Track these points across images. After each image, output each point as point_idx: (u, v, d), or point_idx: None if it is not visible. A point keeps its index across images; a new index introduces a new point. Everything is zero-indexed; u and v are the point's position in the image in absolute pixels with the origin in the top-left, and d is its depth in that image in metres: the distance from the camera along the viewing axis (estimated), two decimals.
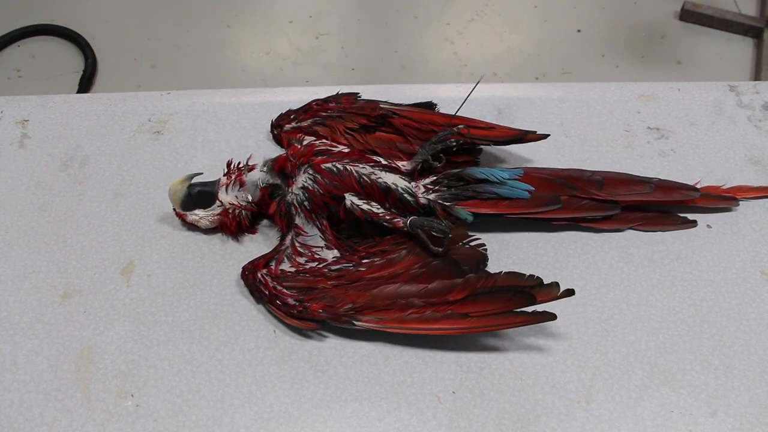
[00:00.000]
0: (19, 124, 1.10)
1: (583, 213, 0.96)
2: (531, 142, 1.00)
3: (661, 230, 0.98)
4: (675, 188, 0.99)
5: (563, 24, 2.41)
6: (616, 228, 0.98)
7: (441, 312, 0.85)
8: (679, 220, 0.99)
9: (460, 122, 0.99)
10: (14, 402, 0.86)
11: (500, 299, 0.85)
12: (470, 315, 0.85)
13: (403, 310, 0.86)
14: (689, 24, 2.41)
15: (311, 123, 1.01)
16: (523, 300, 0.84)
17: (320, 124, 1.01)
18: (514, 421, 0.84)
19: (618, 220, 0.98)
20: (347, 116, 1.01)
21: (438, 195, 0.95)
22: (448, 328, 0.85)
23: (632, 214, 0.98)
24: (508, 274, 0.88)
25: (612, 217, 0.97)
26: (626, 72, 2.28)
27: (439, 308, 0.86)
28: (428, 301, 0.87)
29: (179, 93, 1.14)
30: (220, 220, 0.96)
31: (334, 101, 1.03)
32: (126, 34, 2.29)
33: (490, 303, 0.85)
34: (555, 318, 0.84)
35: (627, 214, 0.98)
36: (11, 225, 1.00)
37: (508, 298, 0.85)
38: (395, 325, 0.86)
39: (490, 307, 0.85)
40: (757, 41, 2.34)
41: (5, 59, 2.23)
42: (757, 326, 0.91)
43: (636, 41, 2.37)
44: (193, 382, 0.87)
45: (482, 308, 0.85)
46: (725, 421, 0.84)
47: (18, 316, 0.92)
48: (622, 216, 0.98)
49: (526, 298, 0.84)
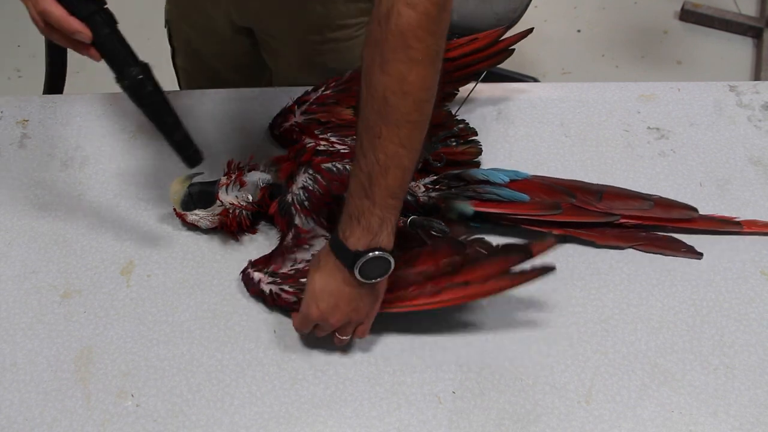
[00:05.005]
0: (19, 124, 1.10)
1: (583, 219, 0.96)
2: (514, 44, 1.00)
3: (662, 253, 0.96)
4: (674, 206, 0.98)
5: (563, 24, 2.41)
6: (617, 245, 0.97)
7: (441, 285, 0.85)
8: (683, 247, 0.96)
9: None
10: (14, 402, 0.86)
11: (497, 261, 0.84)
12: (470, 282, 0.84)
13: (404, 289, 0.86)
14: (689, 24, 2.41)
15: (310, 118, 1.01)
16: (520, 256, 0.83)
17: (322, 111, 1.00)
18: (514, 422, 0.84)
19: (620, 237, 0.97)
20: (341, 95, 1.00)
21: (438, 194, 0.95)
22: (450, 299, 0.84)
23: (635, 234, 0.97)
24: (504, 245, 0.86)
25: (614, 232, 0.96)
26: (626, 72, 2.28)
27: (438, 282, 0.85)
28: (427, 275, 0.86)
29: (179, 93, 1.14)
30: (221, 220, 0.96)
31: (324, 86, 1.02)
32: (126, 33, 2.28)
33: (488, 267, 0.84)
34: (554, 270, 0.83)
35: (630, 233, 0.97)
36: (11, 225, 1.00)
37: (504, 258, 0.83)
38: (398, 304, 0.85)
39: (489, 271, 0.84)
40: (757, 41, 2.34)
41: (5, 59, 2.24)
42: (758, 326, 0.91)
43: (636, 41, 2.37)
44: (193, 382, 0.87)
45: (481, 274, 0.84)
46: (725, 421, 0.84)
47: (18, 316, 0.92)
48: (625, 234, 0.97)
49: (522, 252, 0.82)
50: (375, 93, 0.73)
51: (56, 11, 0.74)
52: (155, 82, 0.79)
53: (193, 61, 1.24)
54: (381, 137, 0.74)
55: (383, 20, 0.70)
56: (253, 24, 1.14)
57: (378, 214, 0.76)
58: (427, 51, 0.71)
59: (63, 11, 0.74)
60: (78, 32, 0.75)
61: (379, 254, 0.77)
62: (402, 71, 0.71)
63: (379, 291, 0.83)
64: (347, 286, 0.80)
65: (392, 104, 0.72)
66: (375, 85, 0.72)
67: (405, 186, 0.78)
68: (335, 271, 0.80)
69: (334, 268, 0.80)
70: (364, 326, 0.85)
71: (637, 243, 0.97)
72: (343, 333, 0.85)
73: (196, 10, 1.14)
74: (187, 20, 1.18)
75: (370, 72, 0.73)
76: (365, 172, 0.75)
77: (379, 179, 0.75)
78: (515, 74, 2.19)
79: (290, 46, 1.15)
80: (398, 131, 0.73)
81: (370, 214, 0.76)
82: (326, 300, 0.81)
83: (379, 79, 0.72)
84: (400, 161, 0.75)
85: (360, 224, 0.77)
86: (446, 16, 0.71)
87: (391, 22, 0.70)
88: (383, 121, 0.73)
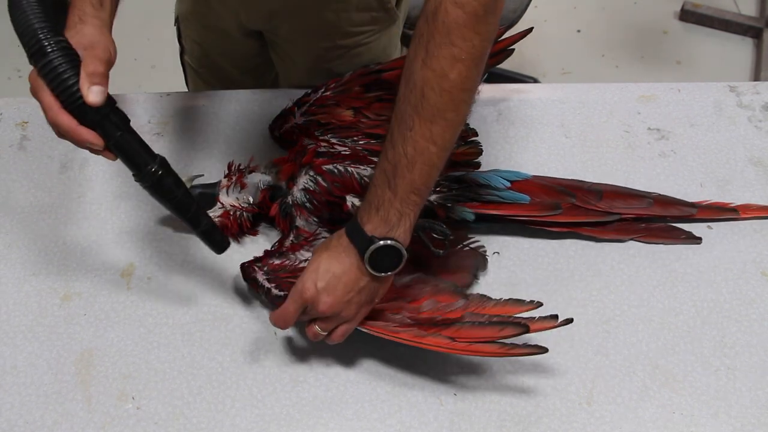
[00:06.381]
0: (19, 126, 1.10)
1: (583, 218, 0.96)
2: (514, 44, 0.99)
3: (663, 243, 0.97)
4: (673, 204, 0.99)
5: (563, 24, 2.41)
6: (617, 239, 0.97)
7: (428, 331, 0.83)
8: (682, 234, 0.98)
9: None
10: (15, 405, 0.86)
11: (490, 329, 0.82)
12: (456, 339, 0.82)
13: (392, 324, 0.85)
14: (689, 24, 2.41)
15: (310, 119, 1.00)
16: (516, 330, 0.81)
17: (322, 113, 0.99)
18: (516, 423, 0.84)
19: (620, 230, 0.97)
20: (341, 96, 0.99)
21: (439, 196, 0.94)
22: (432, 345, 0.83)
23: (634, 225, 0.98)
24: (508, 301, 0.85)
25: (614, 226, 0.97)
26: (626, 72, 2.28)
27: (429, 328, 0.84)
28: (419, 318, 0.85)
29: (179, 94, 1.14)
30: (221, 222, 0.95)
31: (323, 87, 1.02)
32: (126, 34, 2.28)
33: (479, 331, 0.82)
34: (546, 351, 0.81)
35: (629, 225, 0.97)
36: (11, 227, 1.00)
37: (499, 328, 0.81)
38: (381, 332, 0.84)
39: (479, 335, 0.82)
40: (757, 41, 2.34)
41: (5, 59, 2.23)
42: (758, 327, 0.91)
43: (636, 41, 2.37)
44: (194, 384, 0.87)
45: (471, 335, 0.82)
46: (726, 422, 0.84)
47: (18, 318, 0.92)
48: (624, 227, 0.97)
49: (519, 328, 0.80)
50: (414, 87, 0.73)
51: (65, 123, 0.72)
52: (174, 175, 0.77)
53: (201, 59, 1.24)
54: (413, 130, 0.74)
55: (430, 17, 0.71)
56: (262, 27, 1.14)
57: (398, 207, 0.76)
58: (471, 51, 0.71)
59: (72, 122, 0.72)
60: (89, 142, 0.73)
61: (392, 243, 0.77)
62: (444, 67, 0.72)
63: (375, 294, 0.82)
64: (352, 272, 0.79)
65: (429, 99, 0.73)
66: (415, 79, 0.73)
67: (429, 185, 0.78)
68: (345, 254, 0.79)
69: (345, 251, 0.79)
70: (345, 328, 0.82)
71: (637, 235, 0.97)
72: (324, 325, 0.82)
73: (205, 9, 1.14)
74: (196, 19, 1.17)
75: (413, 66, 0.73)
76: (392, 163, 0.76)
77: (404, 172, 0.75)
78: (515, 74, 2.19)
79: (299, 51, 1.15)
80: (431, 126, 0.74)
81: (389, 206, 0.76)
82: (327, 280, 0.79)
83: (420, 73, 0.73)
84: (429, 157, 0.75)
85: (378, 214, 0.77)
86: (493, 19, 0.72)
87: (438, 18, 0.71)
88: (417, 114, 0.74)
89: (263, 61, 1.23)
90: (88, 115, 0.72)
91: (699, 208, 0.98)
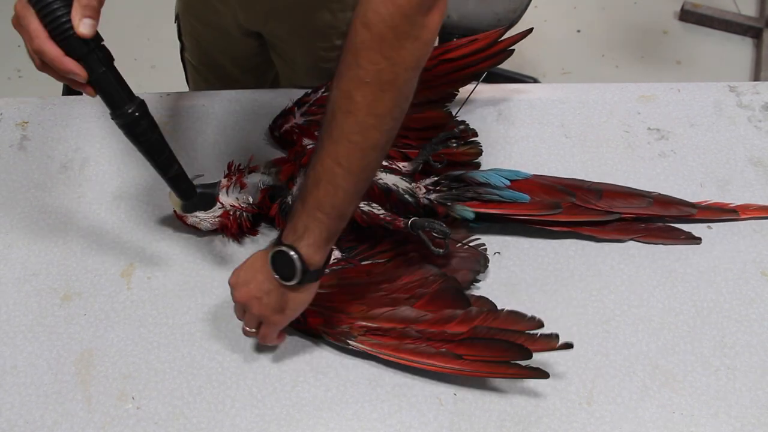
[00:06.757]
0: (19, 126, 1.10)
1: (583, 218, 0.96)
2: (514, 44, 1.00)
3: (663, 243, 0.97)
4: (673, 204, 0.99)
5: (563, 24, 2.41)
6: (617, 239, 0.97)
7: (436, 348, 0.84)
8: (682, 234, 0.98)
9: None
10: (15, 405, 0.86)
11: (497, 348, 0.83)
12: (464, 357, 0.83)
13: (400, 339, 0.85)
14: (689, 24, 2.41)
15: (310, 119, 1.01)
16: (519, 354, 0.82)
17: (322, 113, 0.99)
18: (516, 423, 0.84)
19: (620, 230, 0.97)
20: None
21: (439, 195, 0.95)
22: (439, 366, 0.84)
23: (634, 225, 0.98)
24: (510, 313, 0.86)
25: (614, 226, 0.97)
26: (626, 72, 2.28)
27: (435, 343, 0.85)
28: (426, 331, 0.86)
29: (179, 94, 1.14)
30: (221, 222, 0.96)
31: (323, 87, 1.02)
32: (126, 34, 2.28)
33: (486, 350, 0.84)
34: (547, 377, 0.83)
35: (629, 225, 0.97)
36: (11, 227, 1.00)
37: (504, 349, 0.83)
38: (389, 352, 0.85)
39: (486, 354, 0.83)
40: (757, 41, 2.34)
41: (5, 59, 2.24)
42: (758, 327, 0.91)
43: (636, 41, 2.37)
44: (194, 384, 0.87)
45: (478, 353, 0.83)
46: (726, 422, 0.84)
47: (18, 318, 0.92)
48: (624, 227, 0.97)
49: (521, 352, 0.82)
50: (328, 105, 0.73)
51: (51, 51, 0.71)
52: (151, 119, 0.78)
53: (201, 57, 1.24)
54: (322, 149, 0.74)
55: (346, 36, 0.70)
56: (260, 28, 1.14)
57: (304, 220, 0.76)
58: (377, 75, 0.69)
59: (58, 51, 0.72)
60: (72, 73, 0.73)
61: (286, 250, 0.77)
62: (350, 89, 0.70)
63: (285, 304, 0.81)
64: (264, 271, 0.80)
65: (336, 119, 0.72)
66: (330, 98, 0.73)
67: (338, 206, 0.76)
68: (264, 253, 0.81)
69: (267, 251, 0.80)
70: (264, 330, 0.84)
71: (637, 235, 0.97)
72: (246, 322, 0.85)
73: (205, 7, 1.14)
74: (196, 16, 1.17)
75: (331, 85, 0.73)
76: (308, 176, 0.76)
77: (312, 188, 0.75)
78: (515, 74, 2.19)
79: (298, 51, 1.15)
80: (336, 147, 0.73)
81: (298, 217, 0.77)
82: (246, 272, 0.82)
83: (332, 92, 0.72)
84: (333, 178, 0.74)
85: (291, 221, 0.78)
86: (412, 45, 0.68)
87: (349, 38, 0.69)
88: (327, 133, 0.73)
89: (263, 61, 1.23)
90: (74, 48, 0.72)
91: (699, 208, 0.98)
